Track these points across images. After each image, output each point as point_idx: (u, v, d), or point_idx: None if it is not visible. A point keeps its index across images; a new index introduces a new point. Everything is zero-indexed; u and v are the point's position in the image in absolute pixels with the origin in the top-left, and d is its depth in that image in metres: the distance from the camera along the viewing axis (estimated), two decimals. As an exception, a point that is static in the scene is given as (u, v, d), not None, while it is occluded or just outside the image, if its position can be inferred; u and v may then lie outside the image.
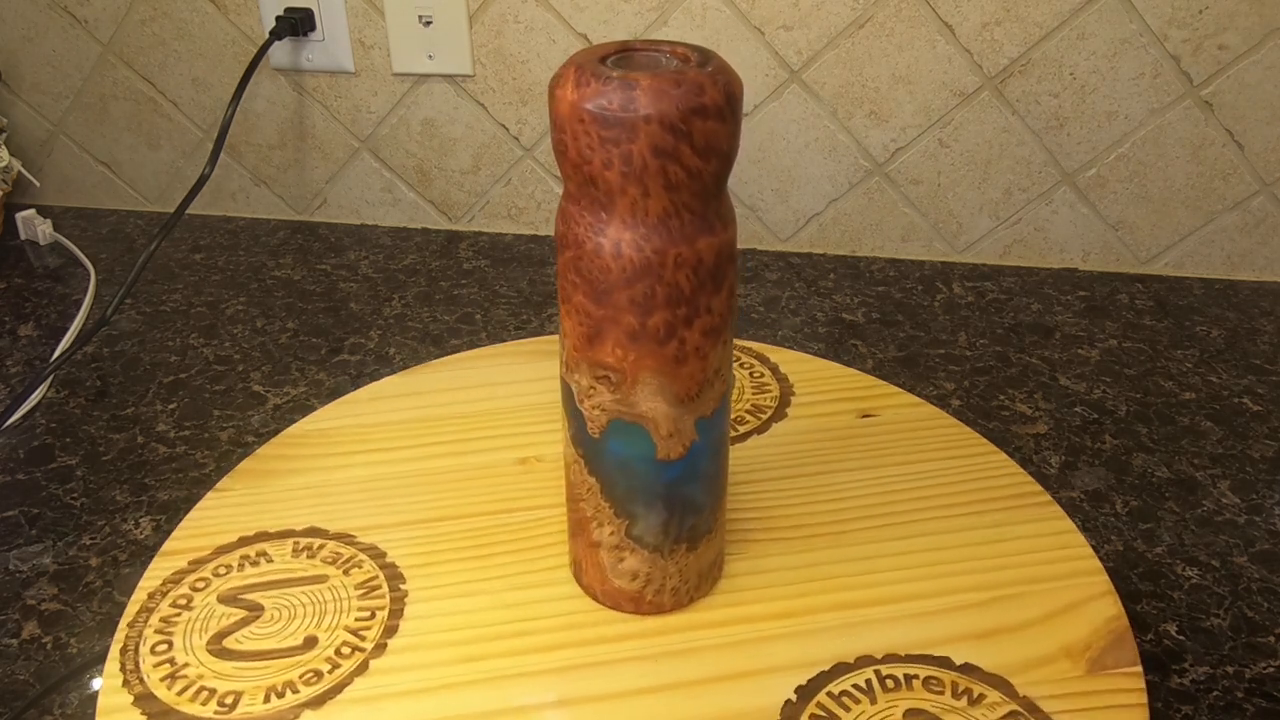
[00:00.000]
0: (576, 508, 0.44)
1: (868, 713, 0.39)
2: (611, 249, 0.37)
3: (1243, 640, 0.52)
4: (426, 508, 0.51)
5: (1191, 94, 0.80)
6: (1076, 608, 0.45)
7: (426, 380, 0.62)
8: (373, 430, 0.57)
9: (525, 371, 0.62)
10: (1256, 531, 0.59)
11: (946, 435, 0.56)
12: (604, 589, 0.45)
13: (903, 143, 0.86)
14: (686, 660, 0.43)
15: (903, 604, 0.45)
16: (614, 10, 0.85)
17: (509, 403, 0.59)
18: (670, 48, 0.38)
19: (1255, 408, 0.70)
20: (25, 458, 0.67)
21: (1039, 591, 0.46)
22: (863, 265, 0.90)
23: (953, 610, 0.45)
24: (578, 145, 0.36)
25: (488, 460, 0.55)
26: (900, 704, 0.40)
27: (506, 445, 0.56)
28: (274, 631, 0.44)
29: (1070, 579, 0.47)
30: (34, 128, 1.01)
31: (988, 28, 0.80)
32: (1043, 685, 0.41)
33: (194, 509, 0.52)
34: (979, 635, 0.44)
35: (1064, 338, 0.79)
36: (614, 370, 0.39)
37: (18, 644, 0.53)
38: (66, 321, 0.83)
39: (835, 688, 0.41)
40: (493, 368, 0.63)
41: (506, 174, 0.94)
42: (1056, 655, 0.42)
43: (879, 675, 0.41)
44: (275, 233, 0.98)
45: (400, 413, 0.59)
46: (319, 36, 0.90)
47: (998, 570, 0.47)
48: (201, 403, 0.72)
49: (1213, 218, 0.85)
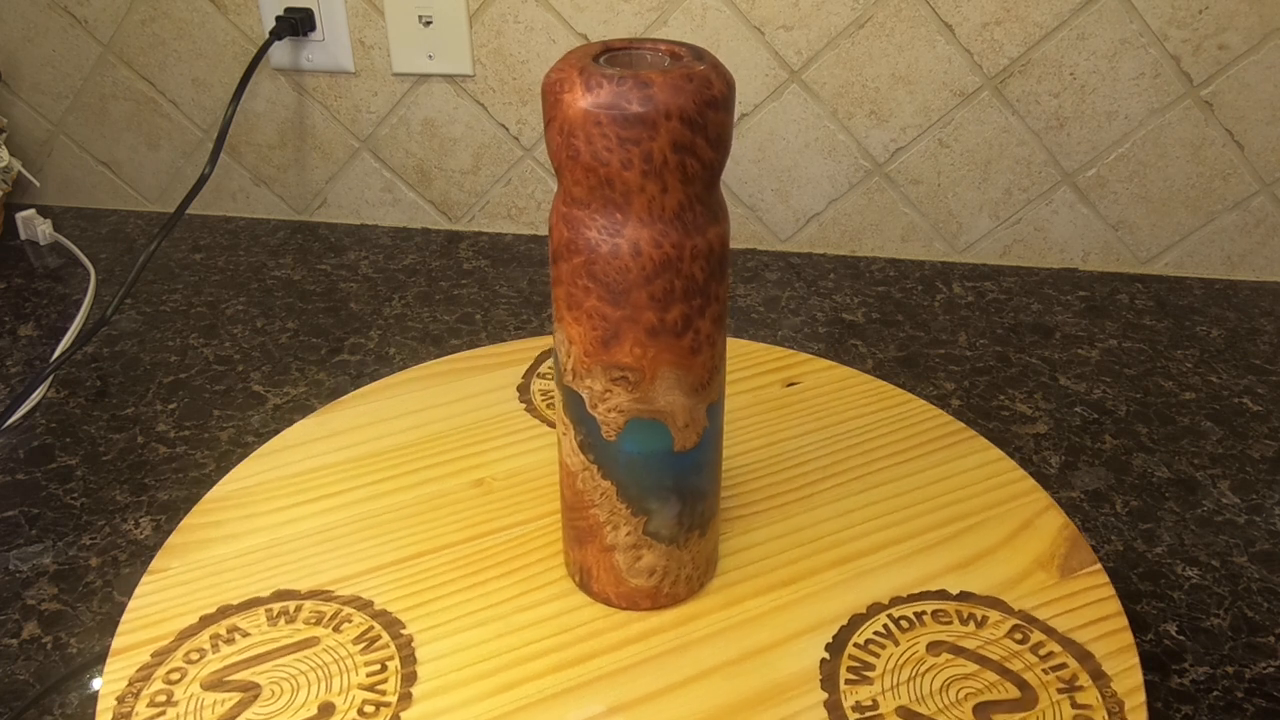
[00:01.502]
0: (584, 515, 0.43)
1: (895, 654, 0.43)
2: (630, 249, 0.37)
3: (1243, 640, 0.52)
4: (397, 547, 0.48)
5: (1191, 94, 0.80)
6: (1030, 525, 0.49)
7: (341, 420, 0.58)
8: (304, 479, 0.53)
9: (440, 395, 0.60)
10: (1256, 531, 0.59)
11: (867, 392, 0.60)
12: (619, 591, 0.44)
13: (903, 143, 0.86)
14: (716, 644, 0.43)
15: (888, 550, 0.48)
16: (614, 10, 0.85)
17: (437, 428, 0.57)
18: (652, 45, 0.38)
19: (1255, 408, 0.70)
20: (25, 458, 0.67)
21: (995, 517, 0.50)
22: (863, 265, 0.90)
23: (931, 547, 0.48)
24: (592, 148, 0.35)
25: (440, 489, 0.52)
26: (921, 639, 0.43)
27: (453, 471, 0.53)
28: (281, 708, 0.40)
29: (1015, 501, 0.51)
30: (34, 128, 1.01)
31: (988, 28, 0.80)
32: (1030, 597, 0.45)
33: (134, 597, 0.46)
34: (961, 565, 0.47)
35: (1064, 338, 0.79)
36: (632, 369, 0.39)
37: (18, 644, 0.53)
38: (66, 321, 0.83)
39: (860, 638, 0.43)
40: (406, 396, 0.60)
41: (506, 174, 0.94)
42: (1031, 568, 0.47)
43: (893, 619, 0.44)
44: (275, 233, 0.98)
45: (327, 456, 0.55)
46: (319, 36, 0.90)
47: (955, 504, 0.51)
48: (201, 403, 0.72)
49: (1213, 218, 0.85)
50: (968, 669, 0.42)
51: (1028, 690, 0.41)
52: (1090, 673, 0.41)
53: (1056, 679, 0.41)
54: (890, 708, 0.40)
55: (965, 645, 0.43)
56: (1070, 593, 0.45)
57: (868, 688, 0.41)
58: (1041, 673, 0.42)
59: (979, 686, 0.41)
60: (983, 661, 0.42)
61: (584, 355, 0.40)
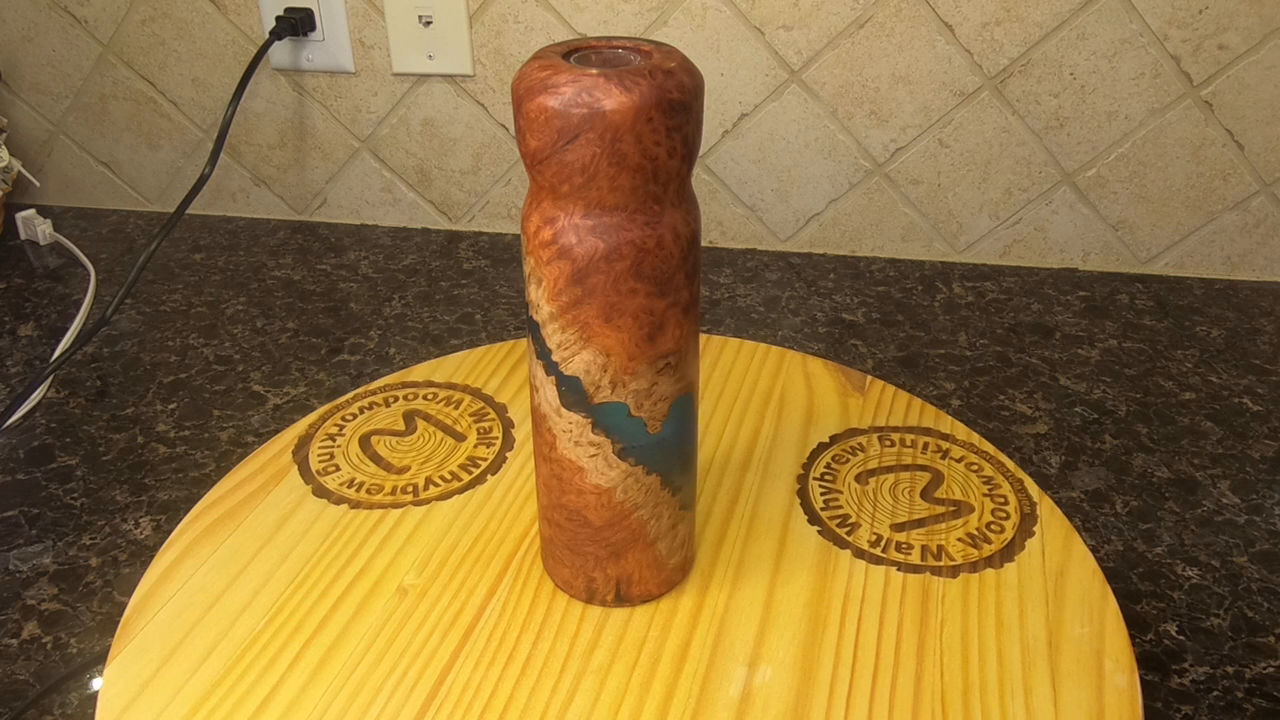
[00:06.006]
0: (622, 527, 0.43)
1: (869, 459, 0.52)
2: (671, 235, 0.37)
3: (1243, 640, 0.52)
4: (403, 695, 0.40)
5: (1191, 94, 0.80)
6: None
7: (207, 584, 0.46)
8: (215, 675, 0.41)
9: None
10: (1256, 531, 0.59)
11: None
12: (659, 580, 0.44)
13: (903, 143, 0.86)
14: (760, 546, 0.47)
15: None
16: (614, 10, 0.85)
17: (293, 567, 0.47)
18: (619, 43, 0.39)
19: (1255, 408, 0.70)
20: (25, 458, 0.67)
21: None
22: (863, 265, 0.90)
23: None
24: (642, 145, 0.35)
25: (372, 619, 0.44)
26: (889, 456, 0.53)
27: (362, 594, 0.45)
28: None
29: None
30: (34, 128, 1.01)
31: (988, 28, 0.80)
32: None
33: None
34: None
35: (1064, 338, 0.79)
36: (674, 353, 0.40)
37: (18, 644, 0.53)
38: (66, 321, 0.83)
39: (828, 457, 0.53)
40: (244, 544, 0.48)
41: (506, 174, 0.94)
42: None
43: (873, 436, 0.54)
44: (275, 233, 0.98)
45: (231, 636, 0.43)
46: (319, 36, 0.90)
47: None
48: (201, 403, 0.72)
49: (1213, 218, 0.85)
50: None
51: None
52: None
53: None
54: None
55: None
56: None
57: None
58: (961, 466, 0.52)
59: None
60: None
61: (628, 360, 0.39)
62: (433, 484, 0.51)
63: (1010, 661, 0.41)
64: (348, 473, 0.52)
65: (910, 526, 0.48)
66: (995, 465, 0.52)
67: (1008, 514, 0.49)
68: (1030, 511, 0.49)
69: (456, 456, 0.53)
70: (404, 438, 0.54)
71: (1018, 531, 0.48)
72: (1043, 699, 0.39)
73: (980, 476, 0.51)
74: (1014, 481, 0.51)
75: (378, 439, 0.54)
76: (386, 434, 0.55)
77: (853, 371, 0.59)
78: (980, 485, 0.50)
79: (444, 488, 0.51)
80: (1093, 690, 0.40)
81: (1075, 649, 0.42)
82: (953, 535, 0.47)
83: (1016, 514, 0.49)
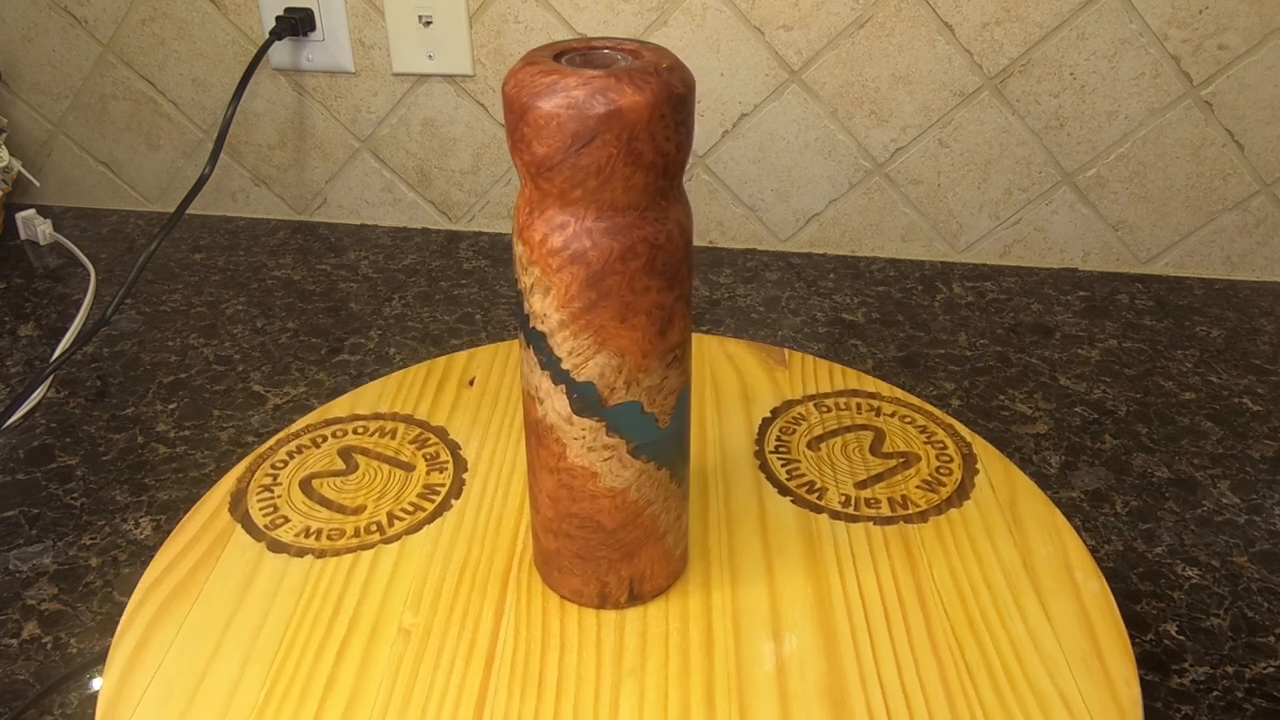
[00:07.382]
0: (637, 525, 0.42)
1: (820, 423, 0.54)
2: (677, 229, 0.38)
3: (1243, 640, 0.52)
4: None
5: (1191, 94, 0.80)
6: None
7: (185, 665, 0.41)
8: None
9: (234, 594, 0.45)
10: (1256, 531, 0.59)
11: None
12: (667, 572, 0.44)
13: (903, 143, 0.86)
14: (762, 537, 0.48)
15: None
16: (614, 10, 0.85)
17: (275, 629, 0.43)
18: (601, 44, 0.38)
19: (1255, 408, 0.70)
20: (25, 458, 0.67)
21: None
22: (863, 265, 0.90)
23: None
24: (655, 142, 0.35)
25: (383, 667, 0.41)
26: (830, 421, 0.54)
27: (362, 643, 0.42)
28: None
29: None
30: (34, 128, 1.01)
31: (988, 28, 0.80)
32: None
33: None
34: None
35: (1064, 338, 0.79)
36: (680, 344, 0.40)
37: (18, 644, 0.53)
38: (66, 321, 0.83)
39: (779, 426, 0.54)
40: (211, 616, 0.44)
41: (506, 174, 0.94)
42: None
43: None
44: (275, 233, 0.98)
45: (232, 717, 0.39)
46: (319, 36, 0.90)
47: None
48: (201, 403, 0.72)
49: (1213, 218, 0.85)
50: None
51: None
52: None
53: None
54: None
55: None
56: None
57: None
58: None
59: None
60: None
61: (642, 357, 0.39)
62: (396, 518, 0.49)
63: (999, 589, 0.44)
64: (299, 522, 0.48)
65: (872, 482, 0.50)
66: (926, 415, 0.54)
67: (950, 456, 0.51)
68: (969, 452, 0.51)
69: (412, 487, 0.51)
70: (347, 476, 0.51)
71: (964, 471, 0.50)
72: (1037, 618, 0.42)
73: (915, 427, 0.53)
74: (945, 427, 0.53)
75: (319, 482, 0.51)
76: (327, 475, 0.51)
77: (770, 347, 0.61)
78: (918, 435, 0.53)
79: (410, 520, 0.49)
80: (1074, 600, 0.43)
81: (1048, 567, 0.45)
82: (911, 484, 0.50)
83: (958, 455, 0.51)
